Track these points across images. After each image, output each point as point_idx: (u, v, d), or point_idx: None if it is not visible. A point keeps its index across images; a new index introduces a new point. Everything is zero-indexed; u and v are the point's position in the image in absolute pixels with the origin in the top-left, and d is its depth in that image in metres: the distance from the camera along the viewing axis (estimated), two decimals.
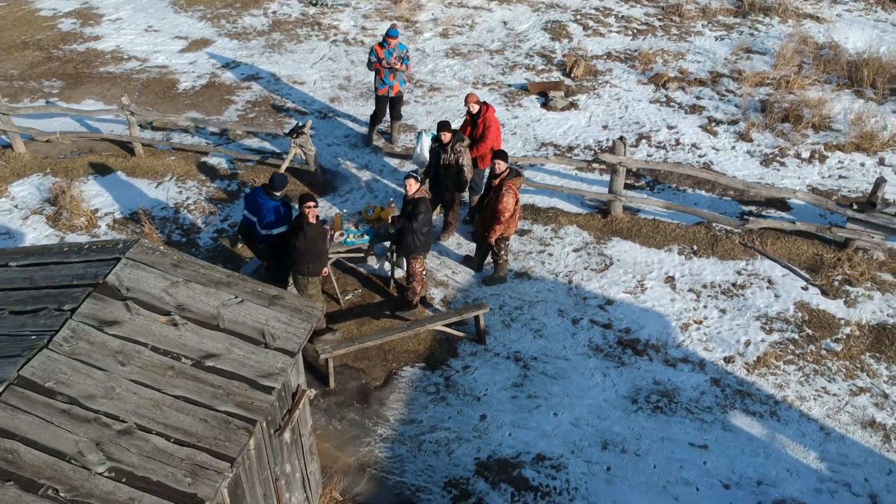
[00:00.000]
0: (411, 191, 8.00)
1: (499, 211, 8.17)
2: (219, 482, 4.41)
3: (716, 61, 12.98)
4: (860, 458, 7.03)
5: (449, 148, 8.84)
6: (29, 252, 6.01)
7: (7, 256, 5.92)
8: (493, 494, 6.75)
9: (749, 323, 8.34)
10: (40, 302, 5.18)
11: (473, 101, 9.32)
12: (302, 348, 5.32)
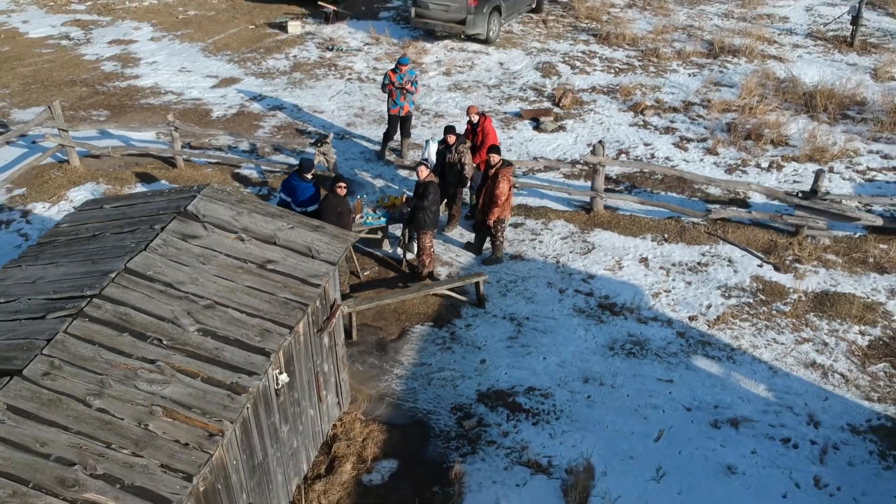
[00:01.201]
0: (422, 176, 9.62)
1: (496, 195, 9.76)
2: (281, 341, 5.87)
3: (688, 93, 14.80)
4: (802, 389, 8.41)
5: (453, 149, 10.49)
6: (118, 198, 7.58)
7: (100, 202, 7.49)
8: (492, 415, 8.11)
9: (711, 291, 9.82)
10: (136, 225, 6.73)
11: (474, 112, 11.04)
12: (339, 261, 6.82)
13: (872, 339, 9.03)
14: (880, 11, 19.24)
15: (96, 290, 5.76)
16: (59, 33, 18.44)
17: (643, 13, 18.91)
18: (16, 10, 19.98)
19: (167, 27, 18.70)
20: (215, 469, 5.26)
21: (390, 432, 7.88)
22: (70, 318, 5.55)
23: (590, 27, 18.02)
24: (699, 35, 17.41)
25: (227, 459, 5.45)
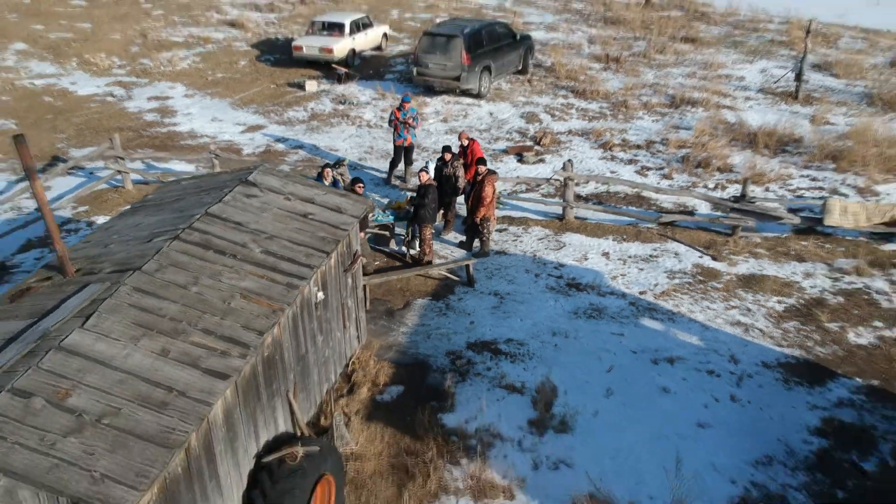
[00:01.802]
0: (423, 180, 12.05)
1: (483, 196, 12.16)
2: (320, 261, 8.16)
3: (650, 134, 17.43)
4: (727, 339, 10.60)
5: (449, 164, 12.97)
6: (192, 176, 9.97)
7: (178, 180, 9.89)
8: (478, 357, 10.27)
9: (659, 275, 12.10)
10: (209, 190, 9.09)
11: (465, 137, 13.58)
12: (360, 217, 9.16)
13: (787, 306, 11.27)
14: (826, 73, 22.13)
15: (187, 225, 8.08)
16: (103, 92, 21.26)
17: (616, 74, 21.80)
18: (64, 74, 22.89)
19: (198, 86, 21.53)
20: (275, 341, 7.46)
21: (397, 368, 10.03)
22: (170, 240, 7.85)
23: (569, 85, 20.85)
24: (664, 90, 20.22)
25: (283, 338, 7.65)
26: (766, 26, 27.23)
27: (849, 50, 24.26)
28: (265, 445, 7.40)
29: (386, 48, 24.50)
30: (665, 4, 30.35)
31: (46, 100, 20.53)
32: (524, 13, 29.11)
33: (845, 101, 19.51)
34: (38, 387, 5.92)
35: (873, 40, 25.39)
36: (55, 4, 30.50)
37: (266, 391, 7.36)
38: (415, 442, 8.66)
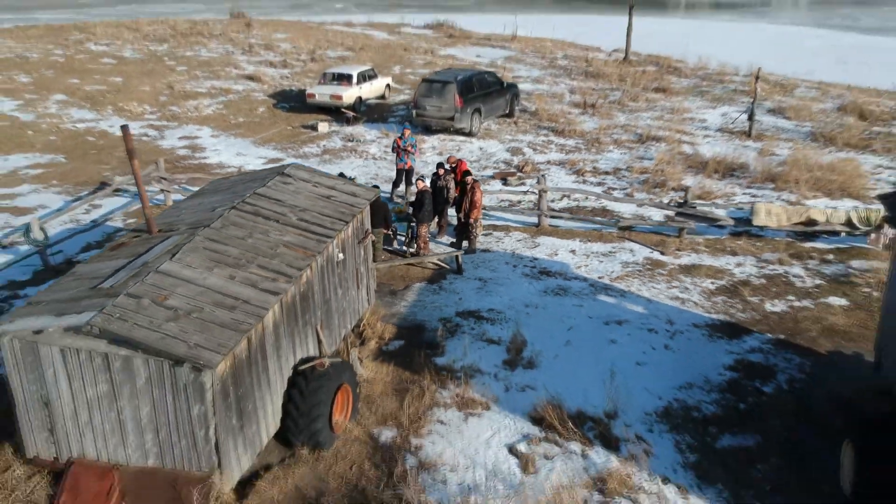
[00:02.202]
0: (420, 187, 14.76)
1: (474, 200, 14.85)
2: (341, 227, 10.80)
3: (618, 163, 20.26)
4: (666, 309, 13.13)
5: (442, 178, 15.72)
6: (238, 173, 12.69)
7: (226, 176, 12.61)
8: (464, 321, 12.79)
9: (615, 265, 14.71)
10: (254, 181, 11.79)
11: (452, 160, 16.36)
12: (370, 201, 11.83)
13: (718, 286, 13.85)
14: (779, 116, 25.13)
15: (240, 200, 10.75)
16: (139, 132, 24.20)
17: (592, 117, 24.81)
18: (102, 119, 25.88)
19: (223, 128, 24.50)
20: (308, 280, 10.03)
21: (399, 329, 12.53)
22: (229, 209, 10.51)
23: (550, 126, 23.81)
24: (633, 130, 23.16)
25: (313, 280, 10.22)
26: (731, 78, 30.43)
27: (803, 97, 27.36)
28: (300, 361, 9.91)
29: (389, 97, 27.60)
30: (641, 61, 33.68)
31: (89, 139, 23.45)
32: (514, 68, 32.39)
33: (792, 138, 22.41)
34: (145, 292, 8.49)
35: (825, 89, 28.54)
36: (87, 63, 33.84)
37: (301, 319, 9.91)
38: (413, 374, 11.13)
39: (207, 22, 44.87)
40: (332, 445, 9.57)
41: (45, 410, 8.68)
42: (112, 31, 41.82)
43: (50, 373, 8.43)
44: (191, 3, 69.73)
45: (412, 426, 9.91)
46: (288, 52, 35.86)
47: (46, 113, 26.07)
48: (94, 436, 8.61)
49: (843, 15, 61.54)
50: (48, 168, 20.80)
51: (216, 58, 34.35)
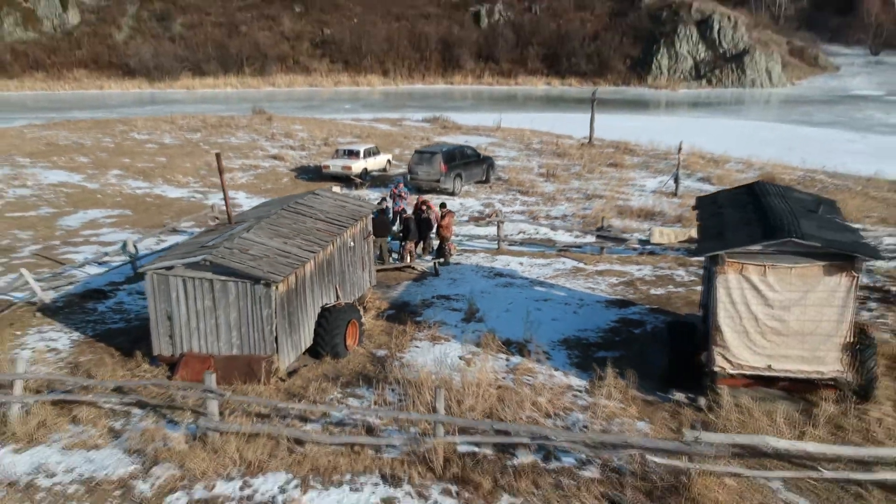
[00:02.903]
0: (405, 216, 20.70)
1: (446, 224, 20.73)
2: (353, 223, 16.66)
3: (565, 212, 26.20)
4: (580, 293, 18.74)
5: (424, 211, 21.64)
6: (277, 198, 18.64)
7: (268, 202, 18.57)
8: (438, 301, 18.37)
9: (550, 270, 20.42)
10: (293, 197, 17.74)
11: (428, 203, 22.34)
12: (370, 213, 17.70)
13: (620, 281, 19.50)
14: (705, 182, 31.24)
15: (285, 206, 16.64)
16: (186, 196, 30.35)
17: (552, 183, 30.96)
18: (154, 186, 32.09)
19: (255, 192, 30.66)
20: (330, 253, 15.77)
21: (391, 304, 18.13)
22: (280, 209, 16.37)
23: (517, 188, 29.95)
24: (583, 191, 29.25)
25: (333, 254, 15.96)
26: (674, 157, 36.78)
27: (730, 169, 33.60)
28: (324, 305, 15.53)
29: (389, 169, 33.90)
30: (604, 145, 40.25)
31: (147, 199, 29.60)
32: (495, 150, 38.89)
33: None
34: (234, 246, 14.24)
35: (750, 164, 34.81)
36: (134, 147, 40.52)
37: (326, 276, 15.62)
38: (399, 325, 16.66)
39: (233, 117, 52.05)
40: (345, 356, 15.06)
41: (168, 322, 14.26)
42: (151, 124, 48.88)
43: (174, 295, 14.07)
44: (211, 105, 77.66)
45: (398, 348, 15.40)
46: (305, 139, 42.60)
47: (108, 183, 32.36)
48: (199, 336, 14.16)
49: (801, 112, 68.89)
50: (120, 218, 26.80)
51: (244, 143, 41.05)
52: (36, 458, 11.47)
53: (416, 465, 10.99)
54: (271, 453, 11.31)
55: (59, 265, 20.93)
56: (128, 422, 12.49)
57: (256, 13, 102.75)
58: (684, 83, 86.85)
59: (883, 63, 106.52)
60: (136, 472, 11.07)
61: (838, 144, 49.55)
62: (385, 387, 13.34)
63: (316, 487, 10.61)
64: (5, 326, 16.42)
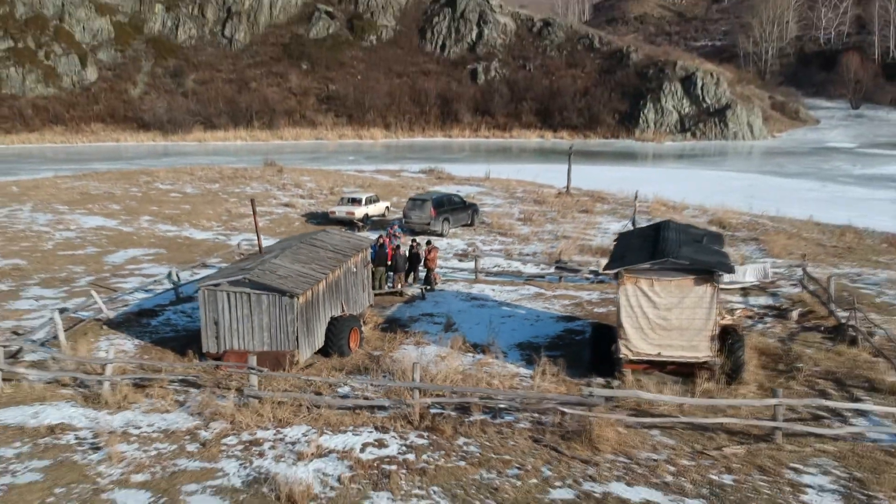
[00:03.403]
0: (399, 252, 25.57)
1: (433, 258, 25.58)
2: (355, 254, 21.54)
3: (535, 250, 31.08)
4: (538, 311, 23.47)
5: (416, 247, 26.51)
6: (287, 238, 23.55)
7: (289, 238, 23.49)
8: (423, 317, 23.08)
9: (516, 294, 25.14)
10: (307, 234, 22.65)
11: (414, 241, 27.25)
12: (366, 247, 22.56)
13: (572, 302, 24.24)
14: None
15: (302, 241, 21.52)
16: (212, 237, 35.25)
17: (528, 226, 35.87)
18: (182, 230, 37.04)
19: (270, 234, 35.49)
20: (337, 276, 20.58)
21: (385, 320, 22.89)
22: (297, 244, 21.24)
23: (497, 231, 34.83)
24: (554, 232, 34.13)
25: (340, 276, 20.77)
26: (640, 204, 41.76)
27: (686, 214, 38.51)
28: (332, 316, 20.29)
29: (387, 215, 38.87)
30: (580, 194, 45.31)
31: (178, 241, 34.53)
32: (483, 198, 43.95)
33: None
34: (266, 269, 19.11)
35: (704, 210, 39.73)
36: (160, 196, 45.66)
37: (334, 294, 20.43)
38: (392, 334, 21.38)
39: (247, 168, 57.39)
40: (348, 355, 19.74)
41: (215, 326, 18.99)
42: (172, 175, 54.17)
43: (220, 305, 18.84)
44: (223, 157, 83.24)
45: (389, 349, 20.09)
46: (312, 188, 47.77)
47: (141, 227, 37.35)
48: (239, 336, 18.89)
49: (775, 164, 74.22)
50: (156, 256, 31.69)
51: (259, 192, 46.20)
52: (125, 419, 16.09)
53: (399, 420, 15.61)
54: (295, 413, 15.94)
55: (112, 292, 25.69)
56: (188, 396, 17.12)
57: (265, 70, 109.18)
58: (670, 136, 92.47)
59: (862, 117, 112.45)
60: (199, 426, 15.68)
61: (799, 193, 54.63)
62: (379, 373, 18.02)
63: (328, 434, 15.21)
64: (81, 336, 21.12)
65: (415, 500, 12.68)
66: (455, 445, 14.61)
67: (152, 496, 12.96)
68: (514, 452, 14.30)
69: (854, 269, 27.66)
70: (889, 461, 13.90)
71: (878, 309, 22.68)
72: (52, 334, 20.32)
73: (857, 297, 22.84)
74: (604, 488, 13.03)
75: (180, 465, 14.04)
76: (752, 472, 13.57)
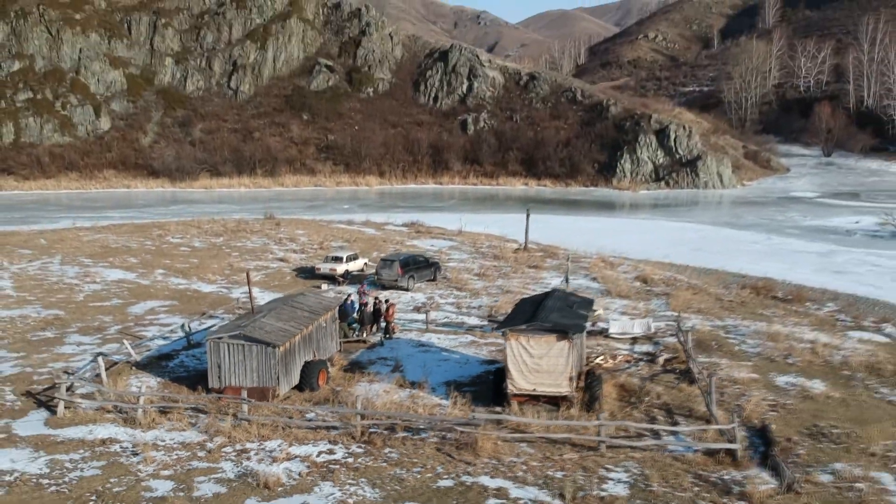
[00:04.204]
0: (366, 307, 32.76)
1: (391, 314, 32.75)
2: (326, 312, 28.75)
3: (482, 303, 38.18)
4: (468, 356, 30.58)
5: (377, 302, 33.71)
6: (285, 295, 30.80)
7: (276, 299, 30.74)
8: (378, 360, 30.19)
9: (456, 342, 32.19)
10: (291, 296, 29.89)
11: (374, 297, 34.47)
12: (335, 307, 29.77)
13: (498, 349, 31.29)
14: (594, 281, 43.21)
15: (284, 303, 28.73)
16: (216, 290, 42.43)
17: (482, 281, 43.02)
18: (191, 283, 44.26)
19: (266, 287, 42.70)
20: (312, 329, 27.75)
21: (349, 362, 30.00)
22: (280, 304, 28.43)
23: (455, 286, 42.00)
24: (502, 287, 41.25)
25: (313, 331, 27.91)
26: (581, 261, 48.98)
27: (617, 270, 45.65)
28: (305, 360, 27.45)
29: (365, 270, 46.12)
30: (537, 248, 52.53)
31: (188, 293, 41.78)
32: (451, 253, 51.24)
33: (590, 291, 40.30)
34: (256, 325, 26.36)
35: (636, 265, 46.87)
36: (171, 250, 53.02)
37: (308, 344, 27.62)
38: (352, 374, 28.49)
39: (248, 221, 64.92)
40: (317, 391, 26.85)
41: (218, 368, 26.13)
42: (182, 228, 61.65)
43: (222, 353, 26.00)
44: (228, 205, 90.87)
45: (348, 385, 27.18)
46: (305, 243, 55.14)
47: (156, 280, 44.65)
48: (235, 376, 26.04)
49: (733, 214, 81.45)
50: (170, 307, 38.91)
51: (258, 247, 53.60)
52: (154, 434, 23.13)
53: (346, 436, 22.65)
54: (274, 431, 22.97)
55: (137, 339, 32.84)
56: (198, 419, 24.19)
57: (268, 121, 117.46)
58: (644, 185, 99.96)
59: (832, 164, 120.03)
60: (206, 440, 22.72)
61: (743, 245, 61.70)
62: (337, 403, 25.13)
63: (295, 445, 22.24)
64: (117, 374, 28.21)
65: (347, 487, 19.67)
66: (382, 453, 21.58)
67: (175, 484, 19.94)
68: (421, 457, 21.27)
69: (734, 322, 34.68)
70: (672, 463, 20.84)
71: (734, 356, 29.66)
72: (95, 372, 27.42)
73: (721, 344, 29.92)
74: (474, 480, 19.98)
75: (193, 465, 21.03)
76: (577, 470, 20.54)
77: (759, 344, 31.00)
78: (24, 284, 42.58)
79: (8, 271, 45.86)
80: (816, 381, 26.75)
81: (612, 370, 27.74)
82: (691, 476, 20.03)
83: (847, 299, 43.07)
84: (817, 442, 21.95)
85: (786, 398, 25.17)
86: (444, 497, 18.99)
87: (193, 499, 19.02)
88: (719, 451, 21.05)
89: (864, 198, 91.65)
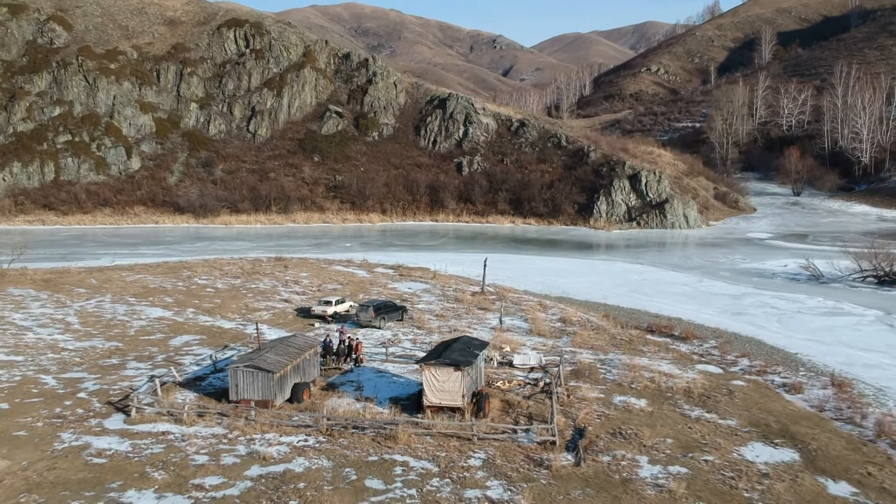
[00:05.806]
0: (343, 344, 46.56)
1: (359, 349, 46.47)
2: (310, 349, 42.63)
3: (434, 340, 51.90)
4: (413, 381, 44.26)
5: (348, 340, 47.49)
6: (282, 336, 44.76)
7: (276, 339, 44.73)
8: (348, 383, 43.90)
9: (405, 369, 45.86)
10: (287, 336, 43.82)
11: (347, 334, 48.26)
12: (318, 345, 43.61)
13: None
14: (523, 321, 56.65)
15: (280, 342, 42.63)
16: (235, 326, 56.45)
17: (440, 320, 56.61)
18: (215, 321, 58.30)
19: (273, 324, 56.63)
20: (300, 361, 41.56)
21: (327, 384, 43.72)
22: (277, 343, 42.30)
23: (417, 325, 55.63)
24: (453, 327, 54.83)
25: (301, 363, 41.69)
26: (523, 303, 62.35)
27: (548, 313, 59.06)
28: (294, 382, 41.31)
29: (351, 311, 59.94)
30: (493, 291, 66.09)
31: (214, 329, 55.80)
32: (422, 295, 64.96)
33: (519, 331, 53.70)
34: (261, 359, 40.39)
35: (563, 309, 60.26)
36: (199, 291, 67.18)
37: (297, 372, 41.50)
38: (328, 392, 42.27)
39: (261, 261, 79.12)
40: (303, 402, 40.67)
41: (236, 387, 40.13)
42: (206, 270, 75.87)
43: (238, 376, 40.02)
44: (245, 241, 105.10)
45: (324, 399, 40.95)
46: (307, 285, 69.08)
47: (189, 317, 58.75)
48: (247, 391, 40.02)
49: (680, 256, 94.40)
50: (201, 340, 52.90)
51: (268, 288, 67.66)
52: (194, 429, 37.01)
53: (316, 431, 36.45)
54: (271, 428, 36.82)
55: (178, 365, 46.75)
56: (222, 420, 38.09)
57: (283, 162, 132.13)
58: (618, 225, 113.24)
59: (797, 204, 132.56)
60: (227, 433, 36.59)
61: (674, 287, 74.74)
62: (314, 410, 38.99)
63: (284, 437, 36.04)
64: (167, 391, 42.14)
65: (314, 460, 33.37)
66: (337, 441, 35.27)
67: (208, 458, 33.73)
68: (361, 444, 34.91)
69: (613, 356, 48.06)
70: (515, 449, 34.35)
71: (595, 382, 43.08)
72: (153, 389, 41.39)
73: (592, 373, 43.42)
74: (390, 457, 33.59)
75: (219, 446, 34.88)
76: (455, 452, 34.11)
77: (619, 373, 44.38)
78: (87, 320, 56.74)
79: (72, 308, 60.10)
80: (642, 401, 40.03)
81: (505, 390, 41.27)
82: (523, 456, 33.51)
83: (728, 337, 55.76)
84: (614, 438, 35.35)
85: (611, 411, 38.57)
86: (370, 466, 32.61)
87: (221, 465, 32.80)
88: (546, 441, 34.52)
89: (810, 240, 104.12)
